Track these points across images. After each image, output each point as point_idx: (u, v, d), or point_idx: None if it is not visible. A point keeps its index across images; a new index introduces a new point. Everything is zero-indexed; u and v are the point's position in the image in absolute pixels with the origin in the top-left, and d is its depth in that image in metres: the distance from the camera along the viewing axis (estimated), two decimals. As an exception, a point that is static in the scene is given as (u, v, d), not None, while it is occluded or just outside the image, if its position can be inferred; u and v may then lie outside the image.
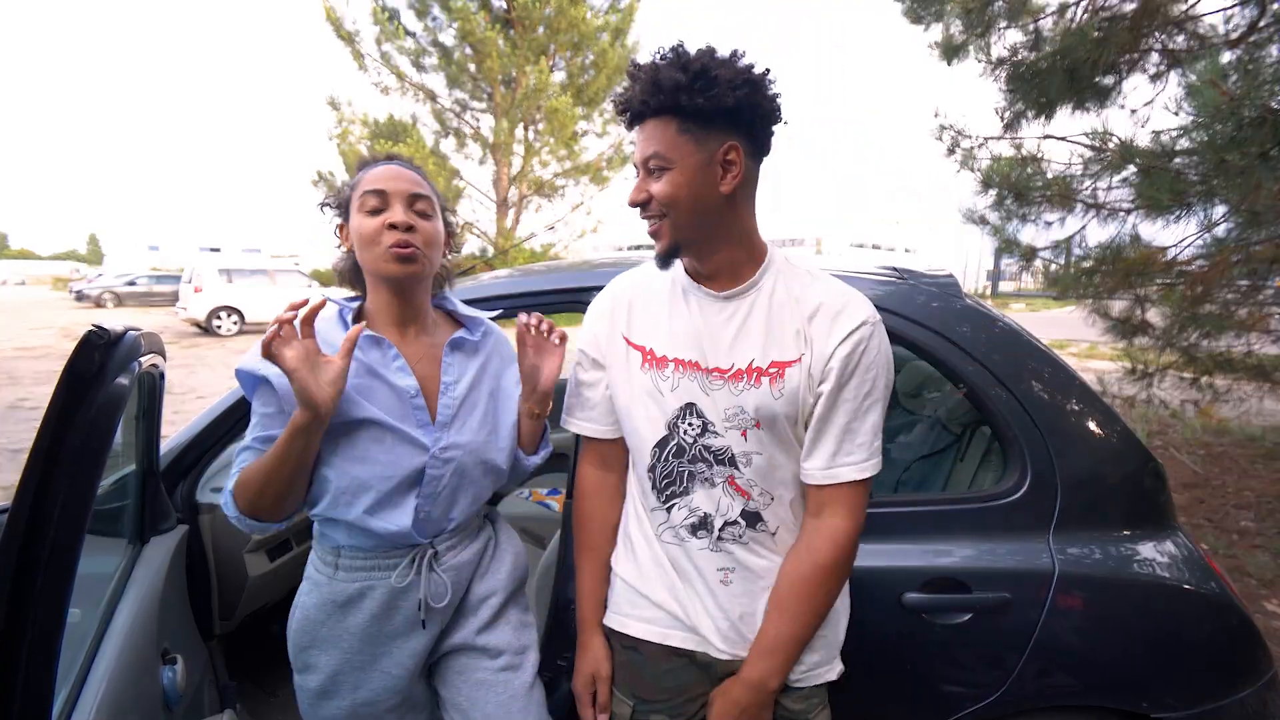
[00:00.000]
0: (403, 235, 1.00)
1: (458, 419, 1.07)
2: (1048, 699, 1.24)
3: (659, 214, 0.90)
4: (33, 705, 0.75)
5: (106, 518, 1.28)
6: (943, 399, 1.92)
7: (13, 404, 6.50)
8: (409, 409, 1.03)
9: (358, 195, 1.04)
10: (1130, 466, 1.33)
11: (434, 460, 1.04)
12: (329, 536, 1.08)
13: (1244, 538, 3.40)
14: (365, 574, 1.06)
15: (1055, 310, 19.99)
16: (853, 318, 0.91)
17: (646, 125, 0.88)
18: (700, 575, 0.99)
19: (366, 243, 1.02)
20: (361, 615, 1.06)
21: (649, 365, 0.99)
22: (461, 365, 1.11)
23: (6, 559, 0.72)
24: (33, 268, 65.47)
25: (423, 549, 1.08)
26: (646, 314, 1.02)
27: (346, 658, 1.07)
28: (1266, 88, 2.27)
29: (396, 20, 13.92)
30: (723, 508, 0.97)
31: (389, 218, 1.01)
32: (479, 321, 1.17)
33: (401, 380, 1.04)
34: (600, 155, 15.93)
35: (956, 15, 4.04)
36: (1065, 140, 3.85)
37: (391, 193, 1.02)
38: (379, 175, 1.04)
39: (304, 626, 1.08)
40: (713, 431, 0.95)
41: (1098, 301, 4.27)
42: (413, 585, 1.06)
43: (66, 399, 0.78)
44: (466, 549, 1.14)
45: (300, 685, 1.11)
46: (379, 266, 1.02)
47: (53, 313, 19.39)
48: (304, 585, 1.10)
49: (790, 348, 0.92)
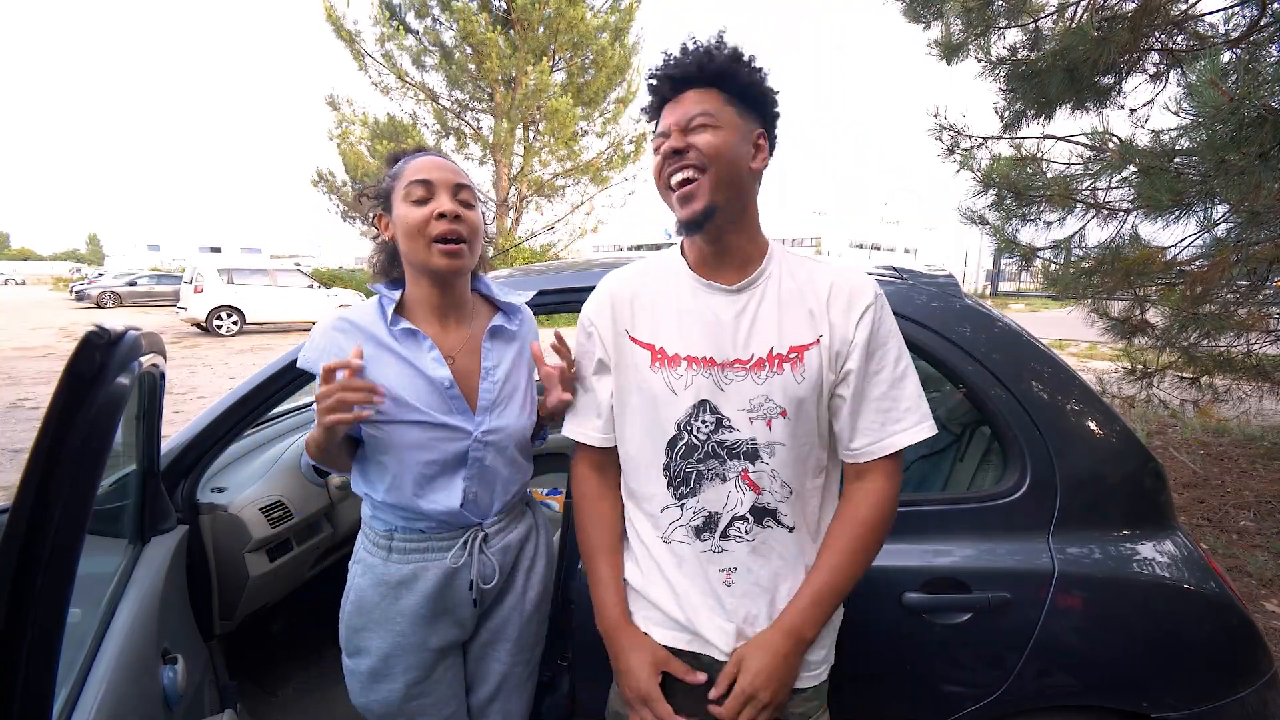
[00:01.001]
0: (451, 225, 1.03)
1: (498, 404, 1.12)
2: (1048, 699, 1.24)
3: (699, 165, 0.90)
4: (33, 705, 0.75)
5: (107, 518, 1.28)
6: (943, 399, 1.92)
7: (13, 404, 6.50)
8: (446, 399, 1.08)
9: (402, 185, 1.06)
10: (1130, 466, 1.33)
11: (476, 444, 1.09)
12: (382, 520, 1.12)
13: (1244, 538, 3.40)
14: (420, 555, 1.10)
15: (1055, 310, 20.00)
16: (865, 294, 0.95)
17: (689, 94, 0.91)
18: (704, 576, 0.98)
19: (413, 232, 1.04)
20: (415, 597, 1.10)
21: (660, 364, 0.97)
22: (500, 351, 1.16)
23: (7, 559, 0.72)
24: (33, 267, 65.55)
25: (474, 530, 1.13)
26: (651, 311, 1.00)
27: (398, 640, 1.11)
28: (1266, 88, 2.27)
29: (398, 20, 13.93)
30: (731, 503, 0.96)
31: (436, 207, 1.03)
32: (516, 308, 1.20)
33: (436, 372, 1.07)
34: (600, 155, 15.93)
35: (956, 14, 4.04)
36: (1065, 140, 3.85)
37: (437, 182, 1.05)
38: (424, 165, 1.07)
39: (359, 608, 1.12)
40: (728, 426, 0.95)
41: (1097, 301, 4.27)
42: (465, 566, 1.11)
43: (67, 399, 0.77)
44: (513, 531, 1.18)
45: (352, 670, 1.14)
46: (426, 259, 1.05)
47: (53, 313, 19.40)
48: (354, 569, 1.14)
49: (805, 331, 0.94)
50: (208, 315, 13.31)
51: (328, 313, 1.12)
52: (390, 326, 1.08)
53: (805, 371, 0.93)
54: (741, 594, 0.97)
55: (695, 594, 0.99)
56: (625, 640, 1.00)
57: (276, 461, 1.83)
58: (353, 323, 1.09)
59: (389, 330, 1.08)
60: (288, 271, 15.17)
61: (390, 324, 1.08)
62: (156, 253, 70.80)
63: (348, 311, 1.11)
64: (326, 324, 1.10)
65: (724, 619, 0.97)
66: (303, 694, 1.97)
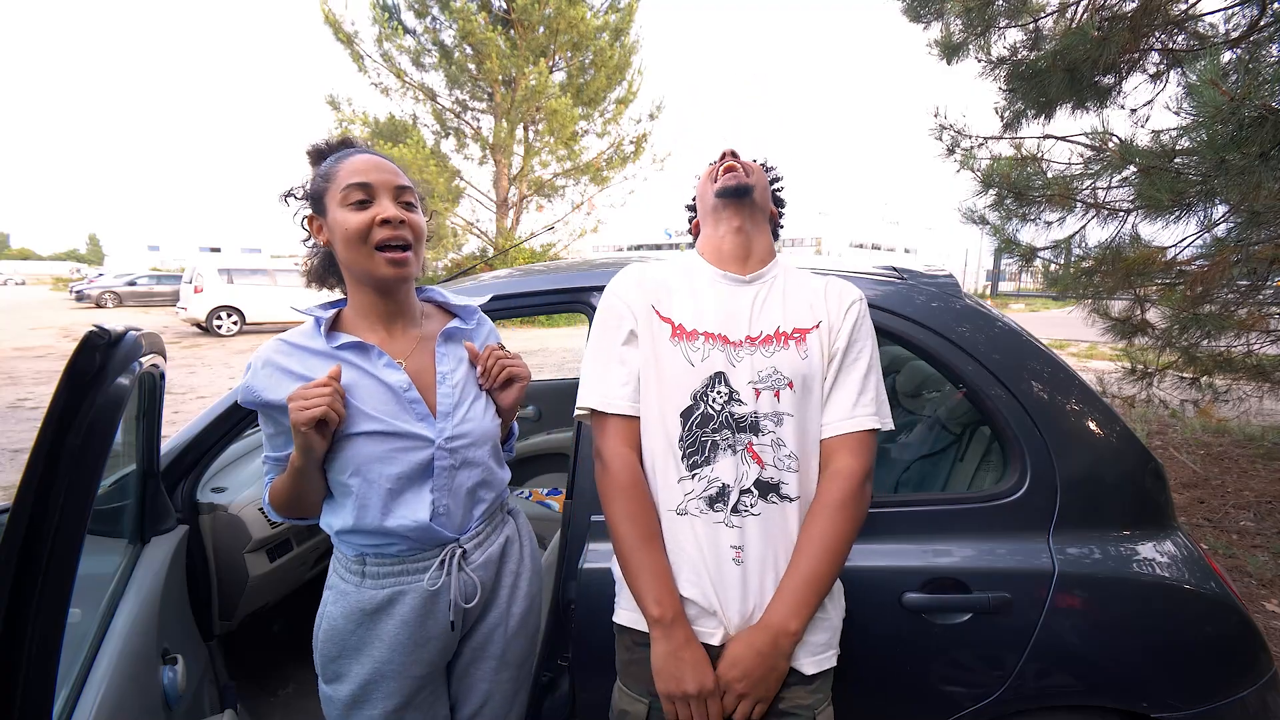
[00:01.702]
0: (395, 231, 0.98)
1: (459, 407, 1.06)
2: (1047, 699, 1.24)
3: (748, 172, 1.13)
4: (33, 705, 0.75)
5: (107, 518, 1.28)
6: (943, 399, 1.92)
7: (13, 404, 6.50)
8: (404, 404, 1.02)
9: (338, 188, 0.98)
10: (1130, 466, 1.33)
11: (440, 451, 1.02)
12: (352, 544, 1.04)
13: (1244, 538, 3.40)
14: (394, 579, 1.03)
15: (1055, 310, 20.00)
16: (850, 293, 1.10)
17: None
18: (716, 552, 0.99)
19: (354, 239, 0.97)
20: (394, 622, 1.03)
21: (679, 338, 1.04)
22: (456, 353, 1.10)
23: (7, 559, 0.72)
24: (33, 267, 65.55)
25: (451, 547, 1.06)
26: (675, 295, 1.08)
27: (378, 666, 1.04)
28: (1266, 88, 2.27)
29: (397, 20, 13.93)
30: (739, 475, 0.99)
31: (380, 213, 0.97)
32: (472, 310, 1.16)
33: (392, 377, 1.01)
34: (600, 155, 15.93)
35: (956, 14, 4.04)
36: (1065, 140, 3.85)
37: (378, 185, 0.98)
38: (361, 166, 0.99)
39: (331, 637, 1.05)
40: (738, 399, 1.01)
41: (1098, 301, 4.28)
42: (444, 587, 1.04)
43: (67, 399, 0.78)
44: (493, 543, 1.12)
45: (330, 696, 1.07)
46: (369, 267, 0.99)
47: (53, 313, 19.40)
48: (327, 595, 1.07)
49: (806, 317, 1.06)
50: (208, 315, 13.31)
51: (260, 348, 1.03)
52: (331, 345, 1.00)
53: (808, 351, 1.03)
54: (751, 570, 0.98)
55: (709, 571, 0.99)
56: (688, 632, 0.98)
57: (276, 461, 1.83)
58: (295, 344, 1.01)
59: (331, 349, 1.01)
60: (288, 271, 15.16)
61: (330, 342, 1.01)
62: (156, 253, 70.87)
63: (287, 334, 1.03)
64: (265, 353, 1.01)
65: (739, 599, 0.98)
66: (303, 694, 1.97)
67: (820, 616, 1.00)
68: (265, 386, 0.98)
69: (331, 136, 1.10)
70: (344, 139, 1.08)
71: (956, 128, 4.19)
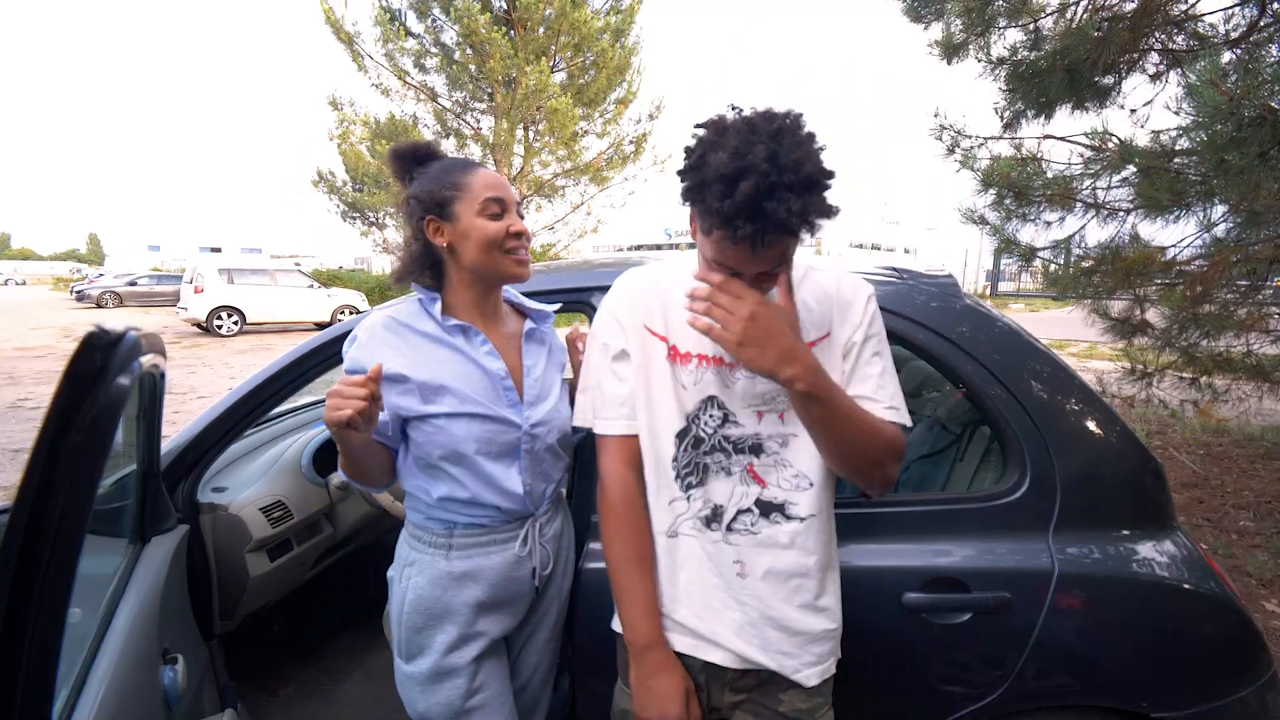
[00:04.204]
0: (523, 241, 1.13)
1: (541, 397, 1.18)
2: (1047, 698, 1.24)
3: None
4: (33, 705, 0.75)
5: (107, 518, 1.28)
6: (943, 399, 1.92)
7: (13, 404, 6.50)
8: (500, 390, 1.13)
9: (476, 199, 1.10)
10: (1130, 466, 1.33)
11: (526, 436, 1.14)
12: (441, 519, 1.14)
13: (1243, 538, 3.40)
14: (481, 549, 1.13)
15: (1055, 310, 20.00)
16: (860, 297, 0.99)
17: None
18: (714, 569, 0.98)
19: (489, 245, 1.10)
20: (479, 587, 1.13)
21: (673, 360, 1.00)
22: (536, 351, 1.22)
23: (7, 559, 0.72)
24: (33, 267, 65.58)
25: (533, 520, 1.17)
26: (671, 309, 1.02)
27: (463, 630, 1.13)
28: (1266, 88, 2.27)
29: (398, 21, 13.93)
30: (736, 497, 0.98)
31: (513, 226, 1.12)
32: (546, 314, 1.27)
33: (492, 364, 1.13)
34: (600, 155, 15.93)
35: (956, 14, 4.04)
36: (1065, 140, 3.86)
37: (508, 200, 1.12)
38: (494, 182, 1.13)
39: (418, 607, 1.13)
40: (733, 422, 0.98)
41: (1097, 301, 4.28)
42: (529, 554, 1.16)
43: (67, 399, 0.77)
44: (556, 521, 1.24)
45: (411, 675, 1.14)
46: (502, 268, 1.12)
47: (53, 313, 19.41)
48: (405, 572, 1.15)
49: (810, 331, 0.97)
50: (208, 315, 13.30)
51: (371, 314, 1.15)
52: (442, 323, 1.12)
53: None
54: (750, 585, 0.97)
55: (701, 590, 0.99)
56: (661, 660, 0.98)
57: (277, 461, 1.83)
58: (402, 322, 1.12)
59: (441, 326, 1.12)
60: (288, 271, 15.16)
61: (441, 320, 1.12)
62: (156, 253, 70.88)
63: (394, 311, 1.14)
64: (375, 323, 1.11)
65: (738, 613, 0.97)
66: (303, 694, 1.97)
67: (826, 630, 1.00)
68: (370, 358, 1.07)
69: (417, 142, 1.19)
70: (428, 146, 1.19)
71: (956, 128, 4.19)
